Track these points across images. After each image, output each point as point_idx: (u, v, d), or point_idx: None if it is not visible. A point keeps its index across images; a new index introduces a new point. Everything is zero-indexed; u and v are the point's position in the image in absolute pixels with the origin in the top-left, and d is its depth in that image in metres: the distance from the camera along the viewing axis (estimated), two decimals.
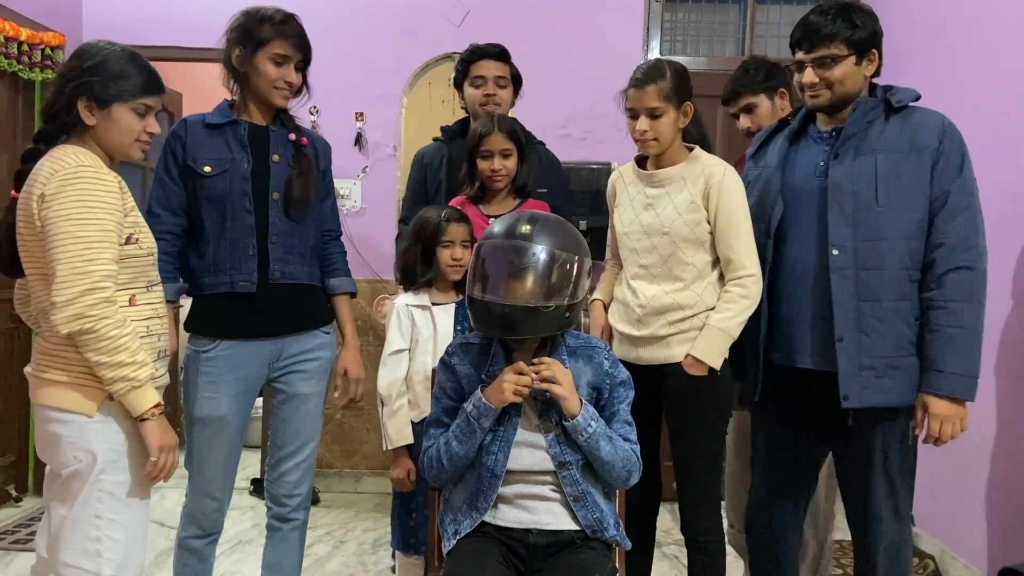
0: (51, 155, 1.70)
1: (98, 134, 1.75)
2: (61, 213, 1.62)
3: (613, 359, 1.88)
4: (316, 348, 2.25)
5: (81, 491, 1.69)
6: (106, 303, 1.63)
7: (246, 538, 3.40)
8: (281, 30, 2.14)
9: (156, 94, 1.80)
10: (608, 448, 1.75)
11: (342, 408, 4.02)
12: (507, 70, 2.67)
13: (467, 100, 2.68)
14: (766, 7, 4.11)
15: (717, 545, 2.15)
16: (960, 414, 1.88)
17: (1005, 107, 2.87)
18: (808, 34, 1.96)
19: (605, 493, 1.83)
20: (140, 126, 1.78)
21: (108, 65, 1.73)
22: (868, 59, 1.97)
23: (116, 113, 1.74)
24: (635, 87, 2.06)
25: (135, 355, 1.66)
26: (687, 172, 2.09)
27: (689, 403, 2.09)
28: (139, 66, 1.78)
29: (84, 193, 1.64)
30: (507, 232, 1.75)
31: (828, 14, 1.94)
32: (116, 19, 4.01)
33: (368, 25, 4.00)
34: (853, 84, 1.97)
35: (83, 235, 1.62)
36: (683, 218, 2.06)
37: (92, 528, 1.69)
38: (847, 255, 1.93)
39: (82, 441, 1.69)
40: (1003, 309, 2.84)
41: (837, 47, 1.93)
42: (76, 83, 1.72)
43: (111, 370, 1.64)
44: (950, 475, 3.12)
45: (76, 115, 1.72)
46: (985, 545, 2.90)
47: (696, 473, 2.12)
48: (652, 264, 2.09)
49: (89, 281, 1.61)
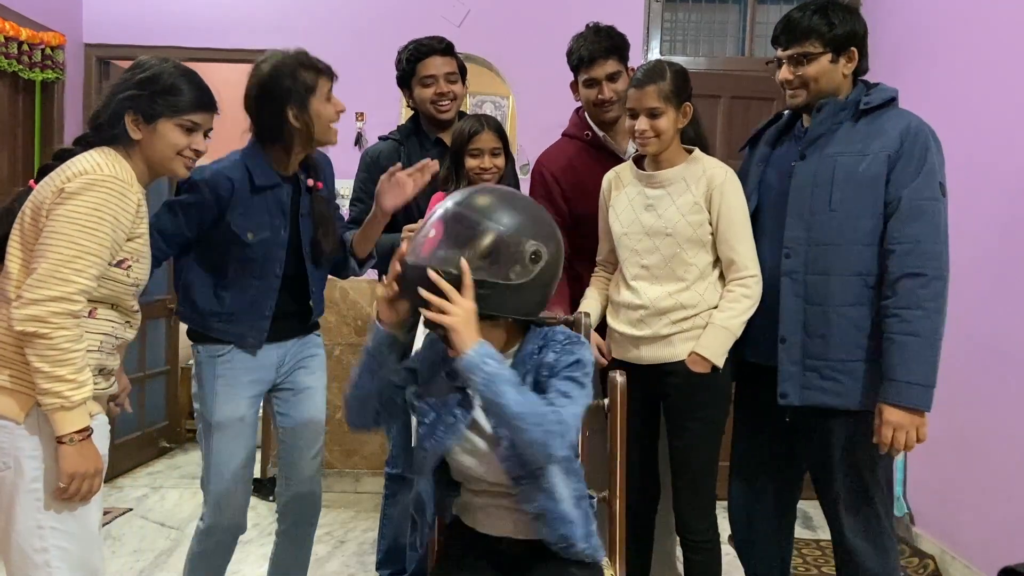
0: (90, 154, 1.68)
1: (143, 149, 1.74)
2: (70, 214, 1.60)
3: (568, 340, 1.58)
4: (312, 347, 2.32)
5: (16, 501, 1.62)
6: (70, 316, 1.58)
7: (246, 538, 3.39)
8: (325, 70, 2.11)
9: (206, 111, 1.80)
10: (514, 396, 1.40)
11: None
12: (455, 64, 2.59)
13: (416, 100, 2.58)
14: (766, 7, 4.11)
15: (712, 544, 2.16)
16: (915, 423, 1.85)
17: (1005, 107, 2.87)
18: (785, 30, 1.98)
19: (576, 499, 1.60)
20: (185, 142, 1.76)
21: (159, 80, 1.73)
22: (846, 57, 1.96)
23: (162, 128, 1.73)
24: (635, 87, 2.07)
25: (77, 374, 1.60)
26: (688, 173, 2.09)
27: (689, 401, 2.10)
28: (191, 82, 1.77)
29: (101, 203, 1.62)
30: (459, 200, 1.54)
31: (807, 10, 1.95)
32: (116, 19, 4.01)
33: (368, 25, 4.00)
34: (829, 82, 1.97)
35: (80, 243, 1.59)
36: (687, 219, 2.06)
37: (36, 539, 1.62)
38: (798, 259, 1.95)
39: (11, 448, 1.62)
40: (1003, 309, 2.83)
41: (812, 44, 1.94)
42: (125, 95, 1.71)
43: (48, 381, 1.58)
44: (950, 475, 3.12)
45: (123, 128, 1.71)
46: (985, 545, 2.90)
47: (692, 472, 2.13)
48: (654, 265, 2.10)
49: (64, 290, 1.57)
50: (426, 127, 2.65)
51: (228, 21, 4.01)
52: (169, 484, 4.09)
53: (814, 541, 3.40)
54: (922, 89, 3.42)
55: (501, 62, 4.06)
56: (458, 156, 2.39)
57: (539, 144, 3.98)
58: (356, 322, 4.05)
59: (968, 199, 3.02)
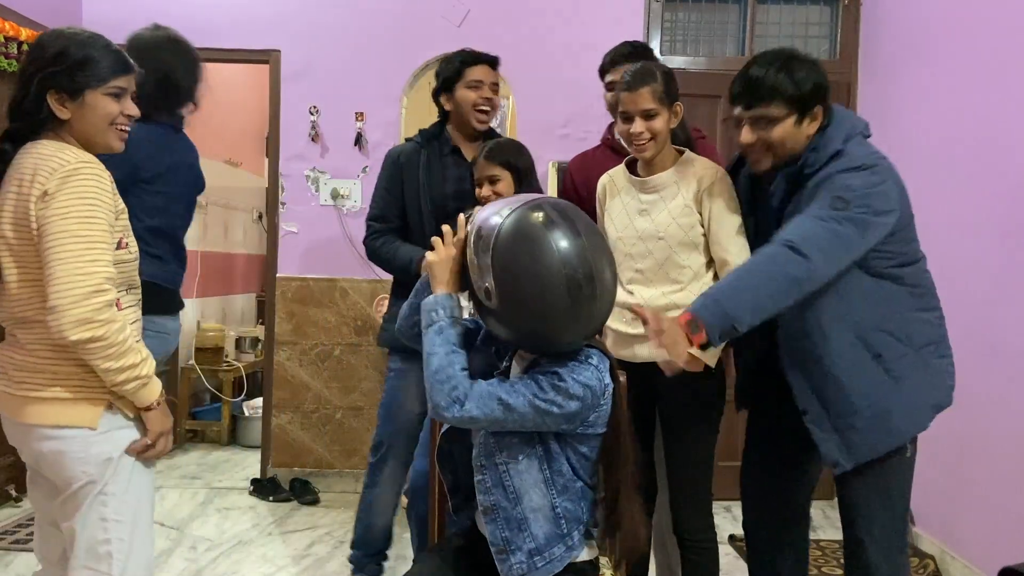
0: (41, 153, 1.61)
1: (74, 126, 1.66)
2: (61, 211, 1.55)
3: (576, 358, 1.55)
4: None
5: (88, 502, 1.66)
6: (109, 307, 1.56)
7: (246, 538, 3.40)
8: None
9: (127, 73, 1.71)
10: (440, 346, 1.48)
11: None
12: (499, 78, 2.67)
13: (460, 102, 2.58)
14: (766, 7, 4.11)
15: (709, 544, 2.16)
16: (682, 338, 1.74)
17: (1005, 107, 2.87)
18: (747, 89, 1.85)
19: (554, 516, 1.53)
20: (117, 109, 1.68)
21: (71, 52, 1.63)
22: (811, 117, 1.85)
23: (90, 100, 1.65)
24: (627, 90, 2.05)
25: (139, 352, 1.63)
26: (679, 176, 2.09)
27: (684, 400, 2.10)
28: (104, 47, 1.68)
29: (86, 190, 1.58)
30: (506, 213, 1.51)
31: (770, 67, 1.83)
32: (116, 19, 4.00)
33: (368, 25, 4.00)
34: (795, 144, 1.86)
35: (84, 234, 1.56)
36: (677, 222, 2.06)
37: (100, 532, 1.67)
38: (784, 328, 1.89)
39: (88, 455, 1.64)
40: (1003, 309, 2.84)
41: (777, 107, 1.82)
42: (41, 76, 1.62)
43: (120, 374, 1.60)
44: (950, 475, 3.12)
45: (48, 110, 1.63)
46: (985, 545, 2.90)
47: (689, 472, 2.13)
48: (648, 269, 2.10)
49: (92, 283, 1.54)
50: (453, 135, 2.64)
51: (228, 21, 4.01)
52: (169, 484, 4.09)
53: (814, 541, 3.39)
54: (922, 89, 3.42)
55: (501, 62, 4.06)
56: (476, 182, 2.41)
57: (539, 144, 4.00)
58: (356, 322, 4.05)
59: (968, 199, 3.03)
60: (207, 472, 4.35)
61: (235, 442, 4.96)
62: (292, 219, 4.07)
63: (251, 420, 4.86)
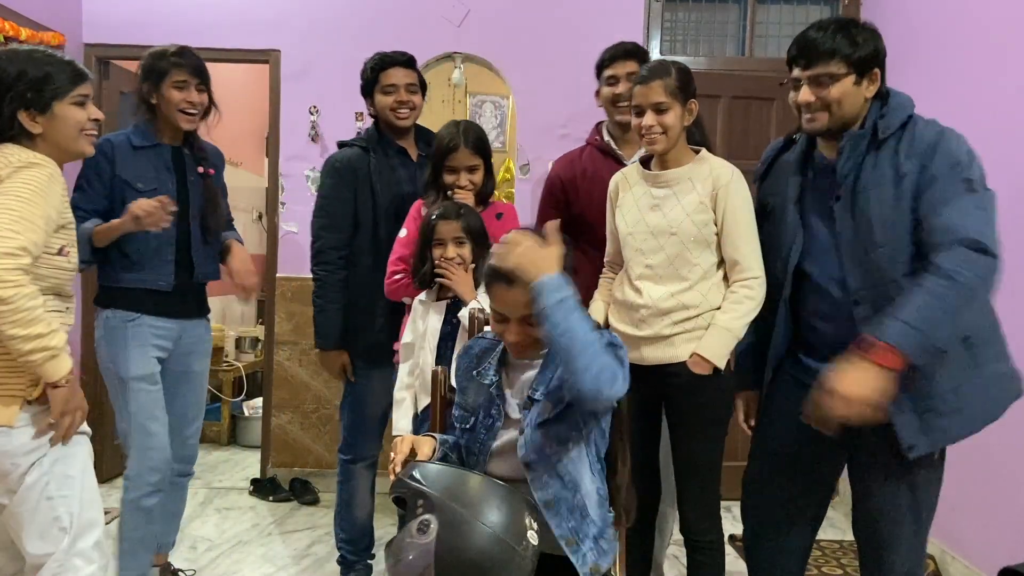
0: (3, 151, 1.72)
1: (47, 138, 1.78)
2: (4, 190, 1.64)
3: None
4: (204, 331, 2.68)
5: (27, 490, 1.72)
6: (21, 272, 1.61)
7: (246, 538, 3.40)
8: (176, 62, 2.44)
9: (84, 81, 1.84)
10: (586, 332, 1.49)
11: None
12: (415, 77, 2.72)
13: (377, 107, 2.71)
14: (766, 7, 4.11)
15: (716, 544, 2.16)
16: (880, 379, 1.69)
17: (1005, 107, 2.87)
18: (805, 50, 1.85)
19: (599, 499, 1.61)
20: (84, 115, 1.82)
21: (31, 71, 1.76)
22: (869, 79, 1.84)
23: (59, 111, 1.78)
24: (641, 83, 2.07)
25: (50, 324, 1.67)
26: (694, 173, 2.09)
27: (692, 402, 2.10)
28: (57, 61, 1.81)
29: (36, 180, 1.67)
30: None
31: (827, 29, 1.83)
32: (116, 19, 4.01)
33: (368, 25, 3.99)
34: (852, 106, 1.85)
35: (17, 208, 1.63)
36: (691, 219, 2.06)
37: (49, 510, 1.74)
38: (867, 304, 1.83)
39: (14, 448, 1.71)
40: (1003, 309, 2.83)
41: (836, 65, 1.81)
42: (9, 96, 1.74)
43: (28, 342, 1.63)
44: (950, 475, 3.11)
45: (19, 126, 1.75)
46: (985, 545, 2.90)
47: (696, 473, 2.13)
48: (658, 264, 2.09)
49: (7, 247, 1.60)
50: (387, 134, 2.74)
51: (228, 21, 4.01)
52: None
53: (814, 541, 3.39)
54: (922, 89, 3.40)
55: (501, 62, 4.06)
56: (437, 167, 2.44)
57: (539, 144, 4.01)
58: None
59: None
60: (207, 472, 4.35)
61: (235, 442, 4.97)
62: (292, 219, 4.07)
63: (251, 420, 4.87)
